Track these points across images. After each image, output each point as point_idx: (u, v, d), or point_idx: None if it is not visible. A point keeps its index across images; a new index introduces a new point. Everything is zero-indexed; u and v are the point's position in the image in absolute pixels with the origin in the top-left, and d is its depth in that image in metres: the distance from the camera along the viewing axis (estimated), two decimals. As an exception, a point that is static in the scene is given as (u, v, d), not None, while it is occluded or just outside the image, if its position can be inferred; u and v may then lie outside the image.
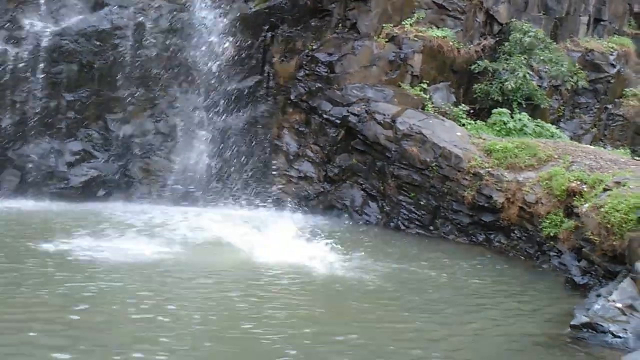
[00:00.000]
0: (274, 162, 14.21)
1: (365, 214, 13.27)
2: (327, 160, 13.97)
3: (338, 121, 13.88)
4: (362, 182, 13.56)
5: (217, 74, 14.01)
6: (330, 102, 14.07)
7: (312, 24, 14.69)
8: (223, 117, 14.20)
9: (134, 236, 9.85)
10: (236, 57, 14.20)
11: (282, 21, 14.41)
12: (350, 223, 13.04)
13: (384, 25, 15.05)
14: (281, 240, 9.69)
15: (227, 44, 13.99)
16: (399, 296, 8.31)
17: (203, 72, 13.95)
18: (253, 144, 14.39)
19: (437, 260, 10.57)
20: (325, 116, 14.05)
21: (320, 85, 14.29)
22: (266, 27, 14.33)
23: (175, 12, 13.66)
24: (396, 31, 14.98)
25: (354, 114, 13.66)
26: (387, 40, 14.89)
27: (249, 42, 14.23)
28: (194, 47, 13.79)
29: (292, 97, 14.40)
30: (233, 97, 14.17)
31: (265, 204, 13.65)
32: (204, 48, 13.85)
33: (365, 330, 6.77)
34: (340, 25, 15.06)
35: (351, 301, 7.83)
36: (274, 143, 14.38)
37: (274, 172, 14.16)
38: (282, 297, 7.71)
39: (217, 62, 13.97)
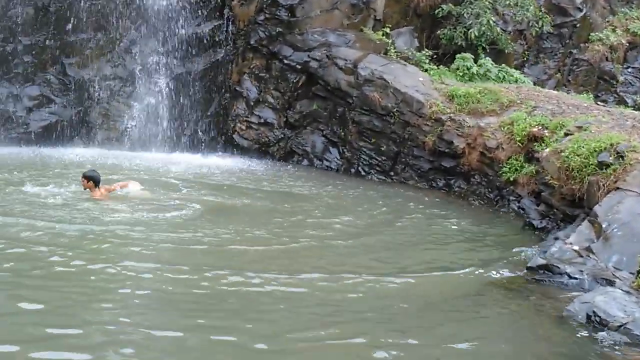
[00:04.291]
0: (234, 108, 13.89)
1: (325, 160, 13.08)
2: (288, 107, 13.64)
3: (299, 67, 13.49)
4: (322, 128, 13.31)
5: (175, 17, 13.60)
6: (291, 47, 13.64)
7: (272, -36, 14.15)
8: (182, 63, 13.84)
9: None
10: (194, 0, 13.75)
11: (241, -39, 13.84)
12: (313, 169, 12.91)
13: (347, -34, 14.55)
14: None
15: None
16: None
17: (160, 16, 13.56)
18: (212, 89, 14.03)
19: (398, 205, 10.52)
20: (285, 62, 13.63)
21: (280, 29, 13.77)
22: (225, -32, 13.80)
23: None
24: (359, -27, 14.50)
25: (315, 59, 13.29)
26: (349, -18, 14.43)
27: (207, -17, 13.74)
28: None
29: (251, 42, 13.91)
30: (192, 42, 13.81)
31: (223, 151, 13.62)
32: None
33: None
34: (302, -35, 14.55)
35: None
36: (233, 89, 14.01)
37: (234, 118, 13.86)
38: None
39: (175, 6, 13.56)
